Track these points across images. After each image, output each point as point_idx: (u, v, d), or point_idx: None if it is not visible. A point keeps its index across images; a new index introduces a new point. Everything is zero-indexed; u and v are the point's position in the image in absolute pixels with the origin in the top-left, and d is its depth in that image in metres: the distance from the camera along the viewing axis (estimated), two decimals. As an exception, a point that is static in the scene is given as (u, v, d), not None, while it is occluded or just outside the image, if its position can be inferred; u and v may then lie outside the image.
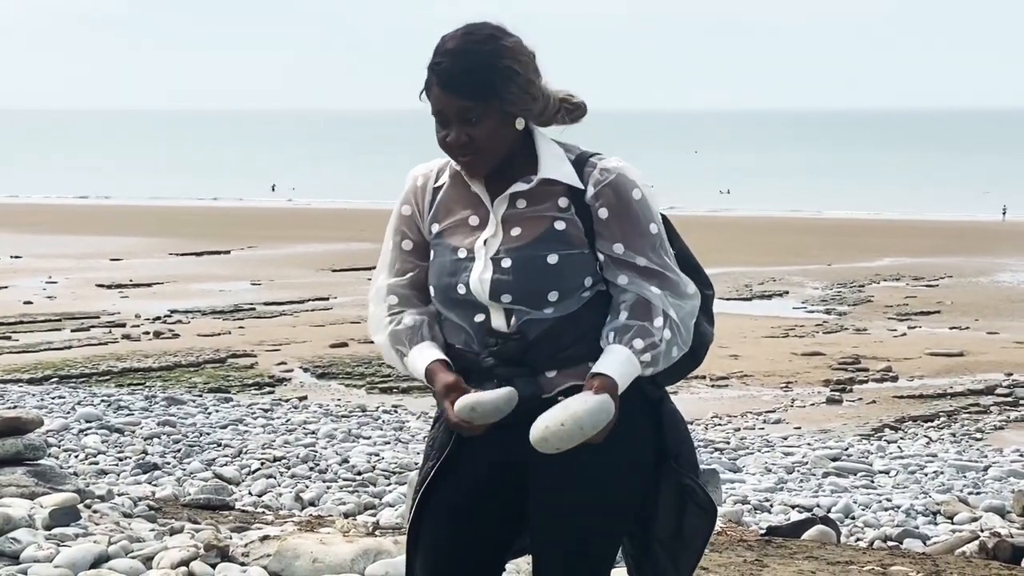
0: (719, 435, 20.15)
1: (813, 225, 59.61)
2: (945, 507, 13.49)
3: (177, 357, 26.32)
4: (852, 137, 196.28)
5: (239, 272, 40.91)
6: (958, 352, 28.22)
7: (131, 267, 41.65)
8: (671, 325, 3.41)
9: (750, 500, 13.46)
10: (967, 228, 58.66)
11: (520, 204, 3.46)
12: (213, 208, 67.31)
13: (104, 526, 6.22)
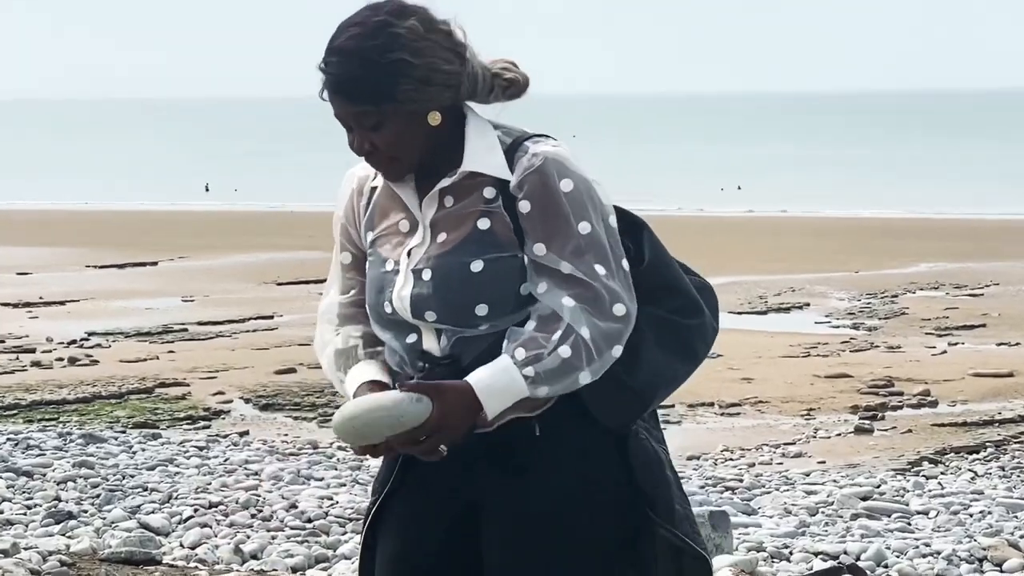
0: (730, 471, 20.19)
1: (838, 226, 59.77)
2: (993, 552, 13.53)
3: (96, 387, 26.26)
4: (879, 123, 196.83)
5: (168, 287, 40.88)
6: (1007, 372, 28.29)
7: (41, 282, 41.56)
8: (576, 344, 3.36)
9: (767, 547, 13.48)
10: (1015, 227, 58.85)
11: (448, 202, 3.47)
12: (137, 213, 67.24)
13: (8, 586, 6.21)
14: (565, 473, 3.38)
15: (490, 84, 3.39)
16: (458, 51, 3.41)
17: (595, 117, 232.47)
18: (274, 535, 13.74)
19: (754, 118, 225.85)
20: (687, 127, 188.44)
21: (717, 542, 12.35)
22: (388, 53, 3.31)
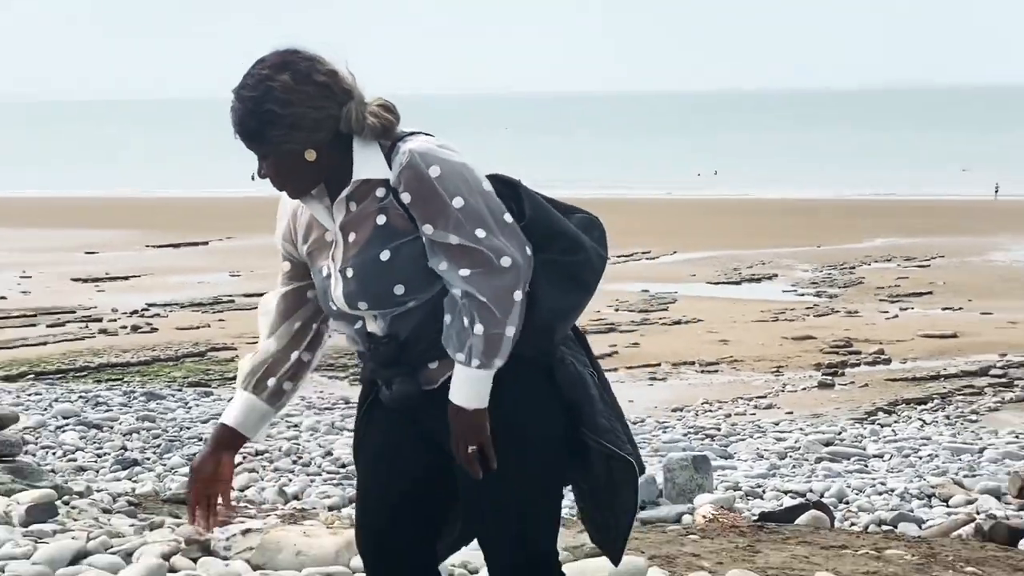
0: (710, 421, 20.19)
1: (802, 206, 59.64)
2: (940, 490, 13.52)
3: (156, 351, 26.31)
4: (837, 116, 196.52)
5: (218, 263, 40.87)
6: (951, 333, 28.30)
7: (106, 260, 41.57)
8: (483, 314, 3.46)
9: (742, 486, 13.47)
10: (958, 207, 58.77)
11: (352, 207, 3.55)
12: (191, 198, 67.22)
13: (83, 522, 6.22)
14: (506, 399, 3.51)
15: (362, 124, 3.52)
16: (335, 97, 3.51)
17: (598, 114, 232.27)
18: (312, 479, 13.79)
19: (733, 113, 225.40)
20: (675, 121, 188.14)
21: (699, 482, 12.34)
22: (262, 104, 3.47)
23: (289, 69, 3.48)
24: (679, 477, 12.34)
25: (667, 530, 7.92)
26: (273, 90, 3.46)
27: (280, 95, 3.46)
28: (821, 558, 6.46)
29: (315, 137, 3.49)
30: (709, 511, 9.90)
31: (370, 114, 3.53)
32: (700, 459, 12.85)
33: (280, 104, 3.46)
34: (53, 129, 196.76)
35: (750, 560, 6.28)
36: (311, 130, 3.49)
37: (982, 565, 6.56)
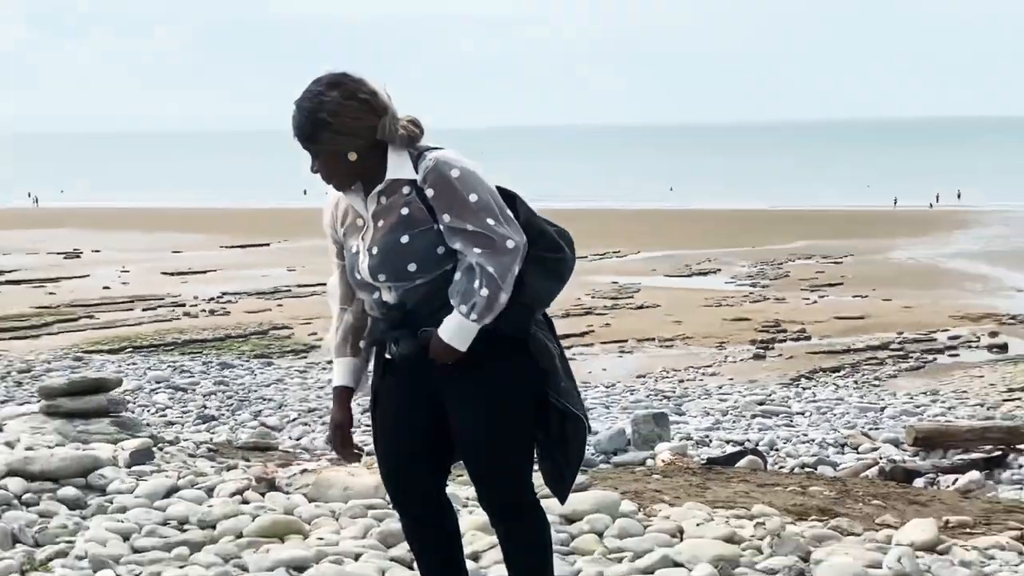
0: (667, 385, 20.20)
1: (740, 215, 59.63)
2: (851, 440, 13.55)
3: (228, 330, 26.32)
4: (770, 143, 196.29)
5: (277, 260, 40.89)
6: (859, 316, 28.32)
7: (189, 258, 41.63)
8: (489, 281, 3.55)
9: (693, 437, 13.49)
10: (864, 215, 58.81)
11: (382, 200, 3.63)
12: (255, 209, 67.16)
13: (174, 464, 6.23)
14: (490, 364, 3.59)
15: (394, 134, 3.62)
16: (374, 112, 3.61)
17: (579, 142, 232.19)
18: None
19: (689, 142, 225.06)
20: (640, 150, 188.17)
21: (659, 433, 12.35)
22: (316, 113, 3.58)
23: (339, 87, 3.58)
24: (643, 429, 12.35)
25: (635, 471, 7.93)
26: (325, 103, 3.56)
27: (331, 107, 3.56)
28: (758, 493, 6.46)
29: (356, 142, 3.59)
30: (668, 456, 9.91)
31: (401, 127, 3.61)
32: (660, 415, 12.87)
33: (330, 114, 3.56)
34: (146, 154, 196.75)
35: (701, 495, 6.29)
36: (354, 136, 3.58)
37: (885, 499, 6.57)
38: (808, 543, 4.98)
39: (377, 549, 4.83)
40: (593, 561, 4.79)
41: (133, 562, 4.69)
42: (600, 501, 5.45)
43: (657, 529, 5.22)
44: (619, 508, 5.48)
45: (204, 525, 5.14)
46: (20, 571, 4.60)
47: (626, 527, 5.21)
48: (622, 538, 5.10)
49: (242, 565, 4.64)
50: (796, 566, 4.66)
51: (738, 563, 4.74)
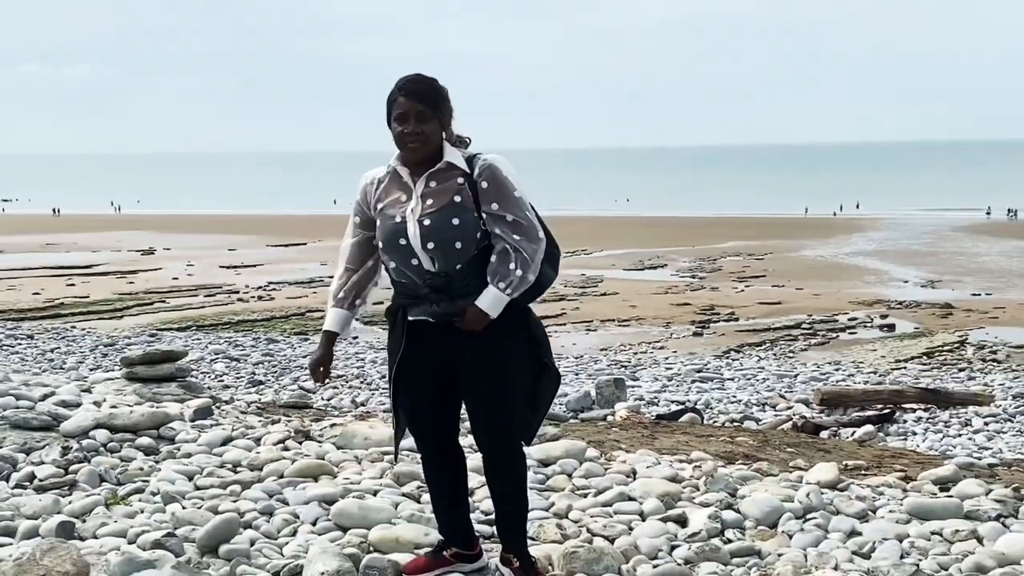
0: (624, 357, 20.19)
1: (684, 221, 59.64)
2: (770, 400, 13.59)
3: (273, 312, 26.24)
4: (708, 163, 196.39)
5: (313, 256, 40.74)
6: (777, 301, 28.34)
7: (242, 255, 41.46)
8: (521, 263, 3.52)
9: (645, 398, 13.50)
10: (782, 221, 58.86)
11: (432, 184, 3.55)
12: (296, 215, 67.00)
13: (229, 419, 6.21)
14: (498, 331, 3.56)
15: (452, 134, 3.61)
16: (451, 113, 3.60)
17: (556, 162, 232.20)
18: (373, 392, 13.76)
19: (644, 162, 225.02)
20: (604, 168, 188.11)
21: (618, 395, 12.37)
22: (438, 88, 3.55)
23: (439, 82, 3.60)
24: (605, 392, 12.38)
25: (598, 425, 7.94)
26: (441, 86, 3.58)
27: (444, 91, 3.58)
28: (696, 442, 6.47)
29: (450, 127, 3.59)
30: (624, 413, 9.93)
31: (457, 133, 3.63)
32: (618, 380, 12.90)
33: (445, 94, 3.58)
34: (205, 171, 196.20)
35: (651, 444, 6.30)
36: (450, 122, 3.58)
37: (797, 447, 6.58)
38: (736, 482, 4.99)
39: (392, 487, 4.83)
40: (564, 496, 4.79)
41: (196, 497, 4.68)
42: (569, 449, 5.46)
43: (615, 471, 5.23)
44: (585, 454, 5.48)
45: (253, 467, 5.13)
46: (105, 504, 4.58)
47: (590, 469, 5.22)
48: (587, 478, 5.11)
49: (283, 499, 4.64)
50: (725, 500, 4.67)
51: (679, 498, 4.75)
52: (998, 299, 28.58)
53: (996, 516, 4.48)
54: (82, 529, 4.24)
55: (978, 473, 5.57)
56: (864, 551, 4.07)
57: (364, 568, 3.74)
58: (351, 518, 4.26)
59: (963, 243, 45.73)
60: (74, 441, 5.37)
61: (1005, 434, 11.39)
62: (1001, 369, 18.49)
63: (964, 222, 58.15)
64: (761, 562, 3.97)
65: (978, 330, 23.73)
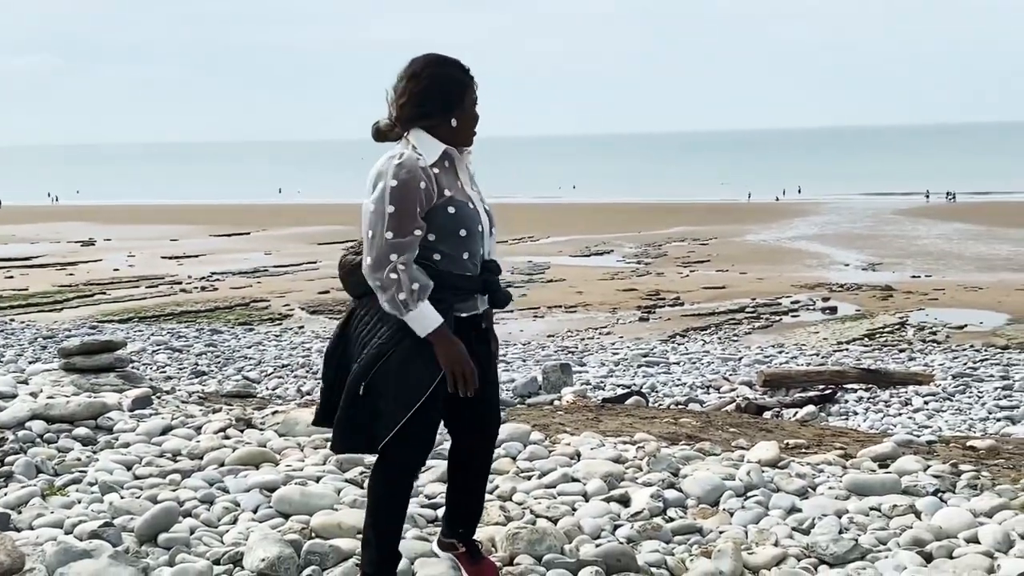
0: (572, 343, 20.26)
1: (629, 207, 59.92)
2: (715, 383, 13.70)
3: (217, 303, 25.97)
4: (652, 151, 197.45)
5: (257, 246, 40.38)
6: (721, 286, 28.59)
7: (184, 245, 40.96)
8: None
9: (591, 383, 13.54)
10: (725, 207, 59.40)
11: (470, 169, 3.35)
12: (239, 204, 66.30)
13: (168, 409, 6.14)
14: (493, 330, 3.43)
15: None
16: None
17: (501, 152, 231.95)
18: (318, 382, 13.66)
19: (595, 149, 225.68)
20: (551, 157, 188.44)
21: (564, 380, 12.39)
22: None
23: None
24: (551, 377, 12.40)
25: (543, 409, 7.95)
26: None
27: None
28: (640, 424, 6.51)
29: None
30: (571, 398, 9.95)
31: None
32: (565, 366, 12.92)
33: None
34: (146, 161, 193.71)
35: (595, 426, 6.32)
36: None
37: (740, 427, 6.64)
38: (678, 462, 5.02)
39: (335, 473, 4.80)
40: (508, 479, 4.80)
41: (135, 487, 4.62)
42: (513, 432, 5.46)
43: (559, 453, 5.24)
44: (529, 437, 5.49)
45: (193, 456, 5.07)
46: (42, 495, 4.50)
47: (535, 452, 5.22)
48: (532, 460, 5.11)
49: (224, 487, 4.59)
50: (668, 479, 4.70)
51: (622, 478, 4.77)
52: (937, 280, 29.09)
53: (934, 491, 4.56)
54: (18, 520, 4.16)
55: (916, 450, 5.66)
56: (804, 527, 4.12)
57: (305, 554, 3.71)
58: (293, 504, 4.23)
59: (903, 226, 46.47)
60: (10, 432, 5.27)
61: (944, 413, 11.60)
62: (941, 349, 18.82)
63: (904, 205, 59.09)
64: (702, 539, 4.00)
65: (918, 311, 24.14)
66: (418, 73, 3.19)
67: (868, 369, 13.71)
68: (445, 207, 3.15)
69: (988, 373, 14.59)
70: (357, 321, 3.28)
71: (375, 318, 3.20)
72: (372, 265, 3.09)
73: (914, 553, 3.77)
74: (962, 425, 10.85)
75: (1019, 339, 20.53)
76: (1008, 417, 11.27)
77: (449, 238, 3.16)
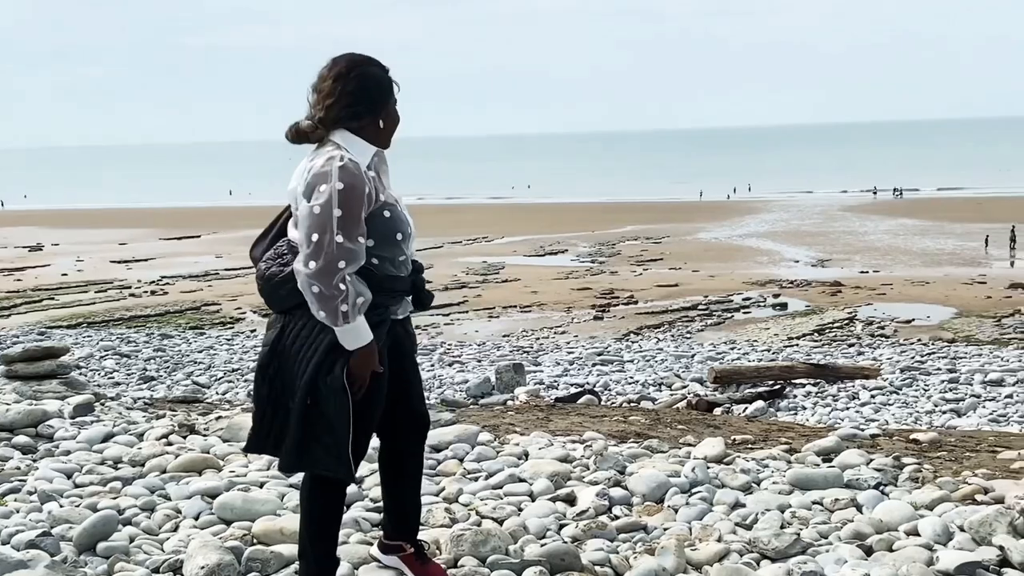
0: (526, 342, 20.29)
1: (582, 206, 60.13)
2: (667, 380, 13.78)
3: (167, 307, 25.72)
4: (604, 150, 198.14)
5: (208, 249, 40.02)
6: (674, 284, 28.78)
7: (133, 249, 40.52)
8: None
9: (545, 382, 13.58)
10: (678, 205, 59.75)
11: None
12: (189, 207, 65.68)
13: (111, 415, 6.04)
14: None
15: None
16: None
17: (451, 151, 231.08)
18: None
19: (544, 148, 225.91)
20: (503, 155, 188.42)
21: (517, 380, 12.40)
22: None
23: None
24: (505, 377, 12.40)
25: (494, 409, 7.94)
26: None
27: None
28: (590, 423, 6.51)
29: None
30: (524, 397, 9.96)
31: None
32: (518, 366, 12.92)
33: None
34: (93, 165, 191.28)
35: (545, 426, 6.31)
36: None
37: (688, 424, 6.67)
38: (625, 460, 5.03)
39: (278, 478, 4.73)
40: (455, 481, 4.77)
41: (74, 495, 4.54)
42: (461, 433, 5.44)
43: (507, 453, 5.22)
44: (477, 438, 5.47)
45: (135, 463, 4.99)
46: (-22, 506, 4.41)
47: (483, 452, 5.20)
48: (479, 461, 5.09)
49: (165, 495, 4.52)
50: (614, 477, 4.70)
51: (569, 477, 4.77)
52: (885, 276, 29.48)
53: (875, 484, 4.59)
54: (-48, 533, 4.07)
55: (860, 443, 5.71)
56: (747, 522, 4.13)
57: (246, 560, 3.65)
58: (234, 511, 4.17)
59: (851, 222, 47.03)
60: (-54, 443, 5.16)
61: (891, 406, 11.74)
62: (889, 343, 19.07)
63: (852, 202, 59.83)
64: (647, 537, 4.01)
65: (866, 306, 24.45)
66: (345, 73, 3.09)
67: (817, 364, 13.85)
68: (382, 211, 3.06)
69: (935, 366, 14.81)
70: (291, 335, 3.09)
71: (314, 330, 3.04)
72: (319, 271, 2.92)
73: (854, 547, 3.79)
74: (908, 418, 10.99)
75: (965, 332, 20.86)
76: (954, 410, 11.44)
77: (386, 243, 3.08)
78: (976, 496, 4.34)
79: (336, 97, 3.09)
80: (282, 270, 3.11)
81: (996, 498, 4.30)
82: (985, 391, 12.52)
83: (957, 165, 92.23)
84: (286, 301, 3.10)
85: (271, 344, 3.15)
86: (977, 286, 27.12)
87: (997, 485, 4.48)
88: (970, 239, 38.43)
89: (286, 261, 3.12)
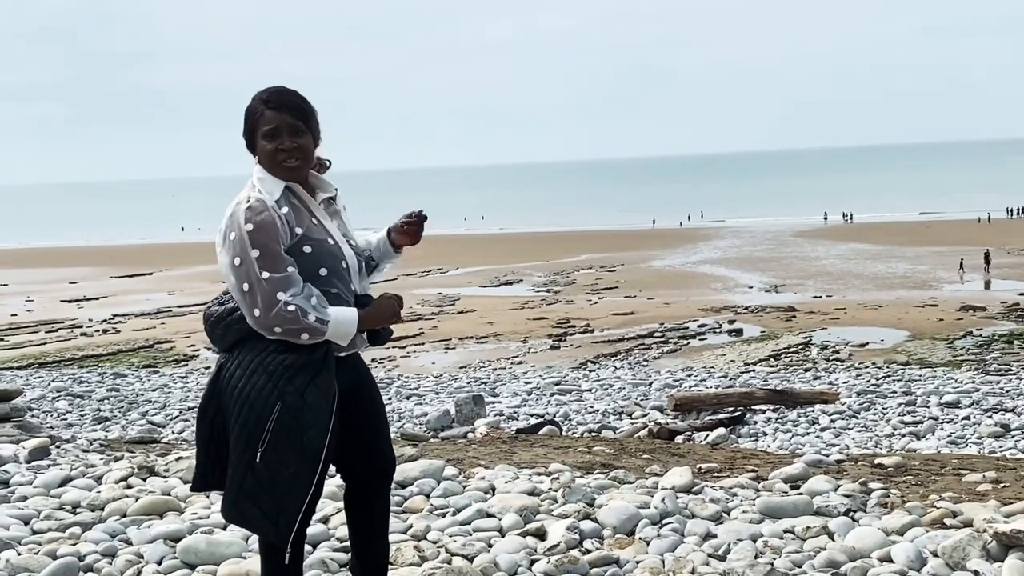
0: (484, 373, 20.21)
1: (537, 236, 60.27)
2: (627, 409, 13.76)
3: (119, 346, 25.34)
4: (557, 179, 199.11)
5: (160, 286, 39.55)
6: (630, 312, 28.86)
7: (84, 287, 39.93)
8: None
9: (505, 413, 13.50)
10: (631, 233, 60.12)
11: (323, 206, 3.17)
12: (140, 244, 65.00)
13: (68, 458, 5.91)
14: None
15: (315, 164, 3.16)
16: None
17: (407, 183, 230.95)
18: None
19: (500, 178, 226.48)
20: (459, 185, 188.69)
21: (477, 412, 12.34)
22: (308, 103, 3.08)
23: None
24: (464, 409, 12.33)
25: (457, 442, 7.87)
26: (309, 102, 3.13)
27: (312, 107, 3.14)
28: (555, 454, 6.48)
29: (317, 141, 3.14)
30: (484, 429, 9.90)
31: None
32: (477, 397, 12.87)
33: (313, 108, 3.14)
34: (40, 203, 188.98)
35: (510, 458, 6.27)
36: (319, 135, 3.15)
37: (653, 453, 6.66)
38: (593, 491, 4.99)
39: (243, 519, 4.65)
40: (422, 517, 4.70)
41: (32, 542, 4.41)
42: (427, 468, 5.37)
43: (474, 488, 5.17)
44: (443, 473, 5.40)
45: (94, 508, 4.87)
46: (-70, 557, 4.27)
47: (449, 488, 5.14)
48: (446, 497, 5.03)
49: (127, 539, 4.41)
50: (583, 510, 4.66)
51: (538, 511, 4.72)
52: (838, 300, 29.79)
53: (845, 511, 4.60)
54: (-95, 586, 3.94)
55: (826, 470, 5.72)
56: (720, 553, 4.11)
57: (213, 606, 3.57)
58: (199, 554, 4.08)
59: (803, 248, 47.56)
60: None
61: (851, 430, 11.82)
62: (844, 367, 19.23)
63: (803, 227, 60.54)
64: (620, 570, 3.97)
65: (821, 331, 24.68)
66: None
67: (775, 390, 13.93)
68: (300, 247, 3.01)
69: (891, 389, 14.95)
70: (228, 375, 3.01)
71: (248, 369, 2.97)
72: (264, 315, 2.89)
73: (829, 575, 3.78)
74: (868, 442, 11.06)
75: (919, 355, 21.10)
76: (913, 432, 11.54)
77: (312, 279, 3.01)
78: (945, 520, 4.35)
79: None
80: (218, 309, 3.09)
81: (965, 521, 4.31)
82: (943, 413, 12.65)
83: (906, 189, 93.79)
84: (224, 339, 3.06)
85: (210, 385, 3.06)
86: (929, 308, 27.50)
87: (965, 508, 4.50)
88: (920, 262, 39.01)
89: (222, 300, 3.11)
